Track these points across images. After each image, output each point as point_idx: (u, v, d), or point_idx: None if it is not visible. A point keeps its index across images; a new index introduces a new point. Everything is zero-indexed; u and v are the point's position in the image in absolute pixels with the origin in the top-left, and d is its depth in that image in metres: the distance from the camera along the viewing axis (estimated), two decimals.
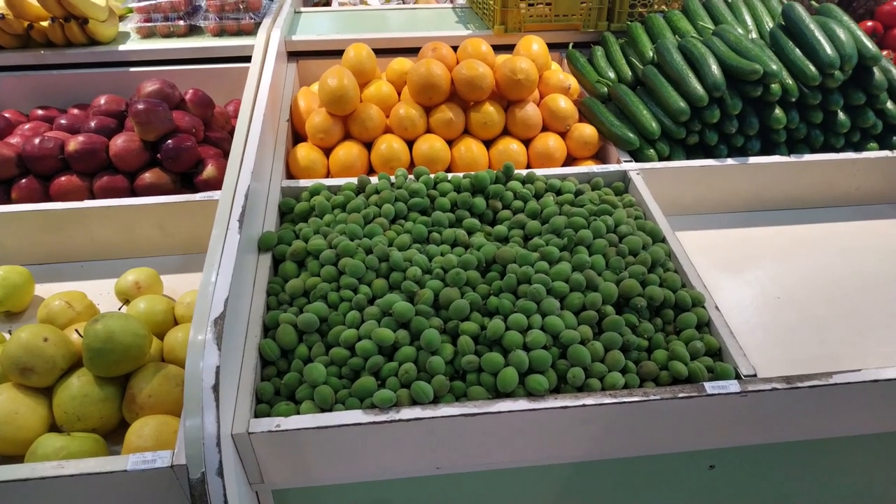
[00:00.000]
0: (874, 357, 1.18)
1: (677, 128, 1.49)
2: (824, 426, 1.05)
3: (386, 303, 1.06)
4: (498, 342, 1.03)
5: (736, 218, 1.55)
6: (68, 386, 1.01)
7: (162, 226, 1.35)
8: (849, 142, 1.57)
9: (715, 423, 1.01)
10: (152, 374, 1.03)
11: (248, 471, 0.96)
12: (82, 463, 0.85)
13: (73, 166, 1.40)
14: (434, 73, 1.49)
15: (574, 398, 0.95)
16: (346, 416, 0.93)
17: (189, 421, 0.82)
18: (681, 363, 1.01)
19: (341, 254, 1.14)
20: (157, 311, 1.17)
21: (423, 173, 1.37)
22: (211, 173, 1.42)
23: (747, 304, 1.30)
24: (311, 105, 1.59)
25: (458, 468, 1.02)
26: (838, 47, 1.47)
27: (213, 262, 0.99)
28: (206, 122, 1.57)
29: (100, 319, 1.01)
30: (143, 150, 1.40)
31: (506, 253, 1.14)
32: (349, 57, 1.59)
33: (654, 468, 1.09)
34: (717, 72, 1.46)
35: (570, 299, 1.08)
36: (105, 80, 1.78)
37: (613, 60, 1.74)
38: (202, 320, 0.90)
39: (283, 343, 1.04)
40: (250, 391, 0.97)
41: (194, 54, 1.82)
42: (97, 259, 1.38)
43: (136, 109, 1.37)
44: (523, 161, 1.52)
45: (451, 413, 0.93)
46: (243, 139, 1.26)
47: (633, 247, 1.18)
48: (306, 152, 1.47)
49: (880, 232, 1.51)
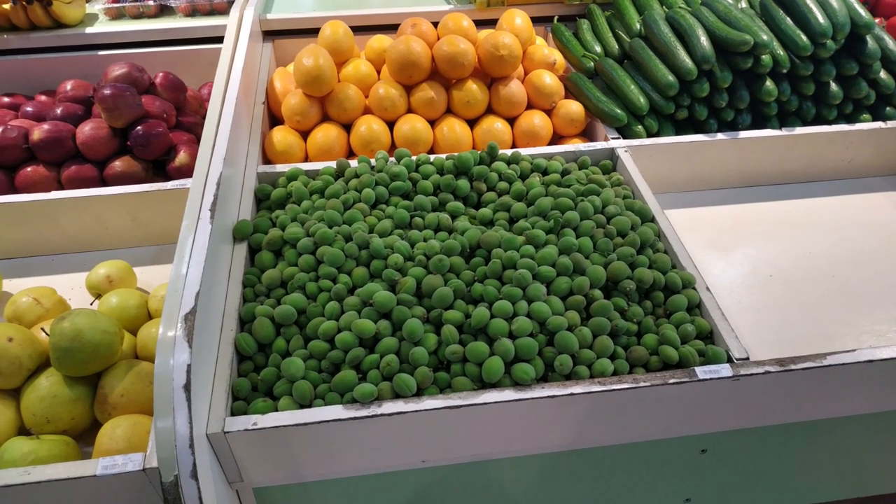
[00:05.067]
0: (868, 335, 1.16)
1: (666, 102, 1.44)
2: (819, 408, 1.03)
3: (366, 292, 1.02)
4: (483, 330, 0.99)
5: (727, 194, 1.51)
6: (36, 387, 0.98)
7: (134, 216, 1.30)
8: (841, 113, 1.53)
9: (707, 407, 0.98)
10: (124, 372, 0.99)
11: (226, 470, 0.92)
12: (49, 469, 0.82)
13: (39, 156, 1.34)
14: (414, 51, 1.43)
15: (562, 387, 0.92)
16: (326, 411, 0.89)
17: (160, 422, 0.79)
18: (671, 348, 0.98)
19: (319, 242, 1.10)
20: (130, 306, 1.13)
21: (404, 155, 1.32)
22: (184, 160, 1.37)
23: (739, 284, 1.27)
24: (287, 86, 1.54)
25: (444, 461, 0.99)
26: (830, 15, 1.43)
27: (183, 254, 0.95)
28: (179, 106, 1.51)
29: (67, 317, 0.97)
30: (112, 138, 1.35)
31: (490, 237, 1.10)
32: (325, 35, 1.52)
33: (645, 454, 1.07)
34: (707, 43, 1.41)
35: (556, 284, 1.04)
36: (73, 64, 1.71)
37: (600, 34, 1.69)
38: (172, 316, 0.86)
39: (260, 337, 1.00)
40: (226, 388, 0.94)
41: (165, 36, 1.75)
42: (67, 252, 1.33)
43: (102, 95, 1.30)
44: (508, 140, 1.48)
45: (434, 406, 0.89)
46: (215, 124, 1.21)
47: (622, 228, 1.14)
48: (283, 136, 1.42)
49: (873, 206, 1.48)
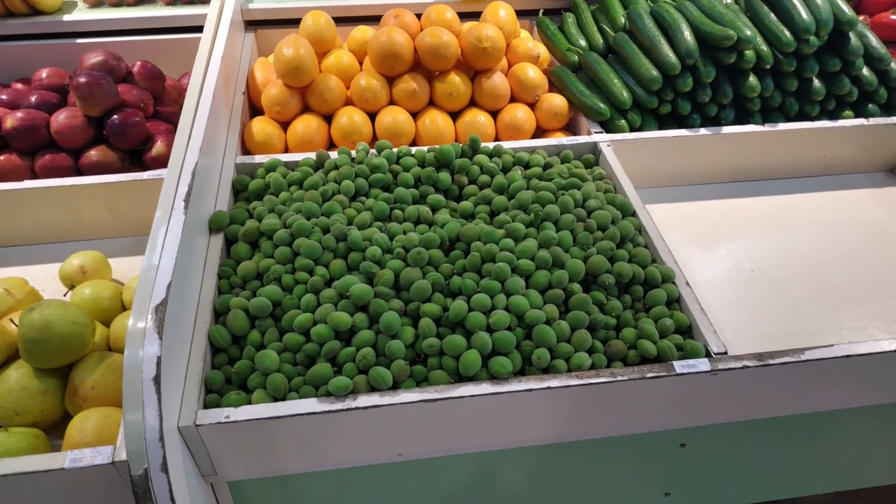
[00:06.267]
0: (849, 331, 1.16)
1: (649, 97, 1.44)
2: (797, 402, 1.03)
3: (343, 285, 1.00)
4: (461, 324, 0.98)
5: (709, 190, 1.51)
6: (5, 379, 0.96)
7: (110, 206, 1.28)
8: (824, 110, 1.53)
9: (685, 401, 0.98)
10: (96, 363, 0.97)
11: (199, 463, 0.91)
12: (17, 462, 0.80)
13: (12, 144, 1.31)
14: (396, 42, 1.42)
15: (539, 380, 0.91)
16: (300, 405, 0.88)
17: (129, 415, 0.77)
18: (649, 342, 0.97)
19: (296, 234, 1.08)
20: (104, 297, 1.11)
21: (385, 147, 1.30)
22: (161, 150, 1.35)
23: (721, 279, 1.27)
24: (268, 77, 1.52)
25: (421, 454, 0.98)
26: (814, 12, 1.42)
27: (155, 245, 0.93)
28: (157, 96, 1.48)
29: (36, 308, 0.95)
30: (88, 127, 1.32)
31: (470, 230, 1.09)
32: (307, 25, 1.50)
33: (624, 448, 1.06)
34: (690, 38, 1.41)
35: (535, 277, 1.03)
36: (50, 52, 1.68)
37: (585, 27, 1.68)
38: (142, 307, 0.84)
39: (234, 329, 0.99)
40: (199, 381, 0.92)
41: (146, 24, 1.72)
42: (41, 242, 1.31)
43: (77, 83, 1.28)
44: (491, 133, 1.46)
45: (410, 399, 0.88)
46: (192, 114, 1.18)
47: (602, 222, 1.13)
48: (262, 126, 1.40)
49: (855, 202, 1.49)
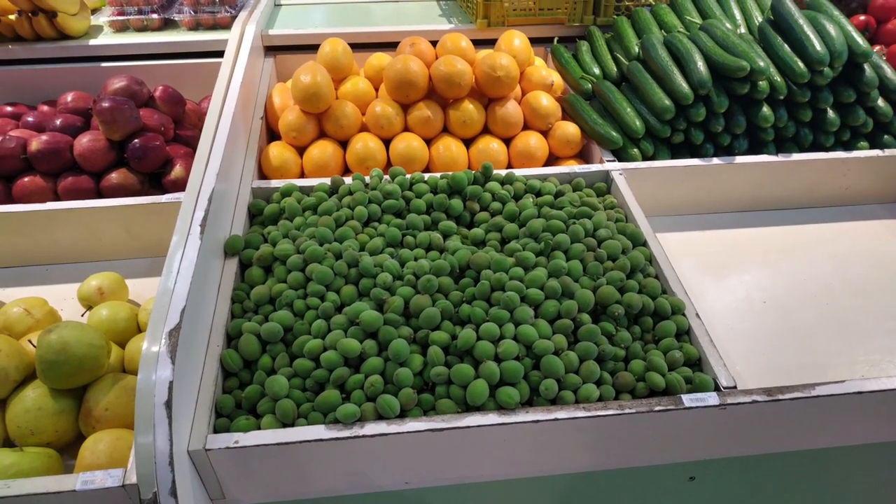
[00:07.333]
0: (861, 365, 1.15)
1: (662, 126, 1.44)
2: (807, 438, 1.02)
3: (353, 311, 1.02)
4: (469, 352, 0.99)
5: (722, 219, 1.51)
6: (22, 398, 0.98)
7: (128, 228, 1.31)
8: (838, 140, 1.53)
9: (694, 435, 0.97)
10: (110, 385, 0.99)
11: (207, 487, 0.92)
12: (29, 482, 0.82)
13: (37, 166, 1.35)
14: (411, 70, 1.44)
15: (546, 412, 0.91)
16: (308, 431, 0.89)
17: (140, 438, 0.79)
18: (658, 374, 0.97)
19: (309, 259, 1.10)
20: (120, 319, 1.13)
21: (398, 174, 1.32)
22: (179, 173, 1.38)
23: (732, 310, 1.26)
24: (286, 102, 1.55)
25: (428, 483, 0.98)
26: (828, 43, 1.43)
27: (171, 269, 0.95)
28: (178, 119, 1.52)
29: (54, 329, 0.97)
30: (109, 150, 1.36)
31: (480, 258, 1.10)
32: (324, 52, 1.54)
33: (632, 480, 1.05)
34: (703, 68, 1.42)
35: (545, 307, 1.04)
36: (76, 75, 1.73)
37: (599, 56, 1.70)
38: (156, 331, 0.86)
39: (246, 353, 1.00)
40: (210, 405, 0.93)
41: (168, 49, 1.77)
42: (61, 262, 1.34)
43: (100, 108, 1.32)
44: (504, 160, 1.48)
45: (417, 428, 0.89)
46: (210, 138, 1.21)
47: (612, 251, 1.14)
48: (279, 151, 1.42)
49: (870, 234, 1.48)
